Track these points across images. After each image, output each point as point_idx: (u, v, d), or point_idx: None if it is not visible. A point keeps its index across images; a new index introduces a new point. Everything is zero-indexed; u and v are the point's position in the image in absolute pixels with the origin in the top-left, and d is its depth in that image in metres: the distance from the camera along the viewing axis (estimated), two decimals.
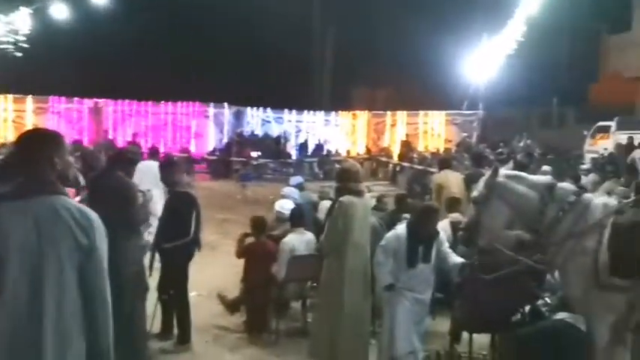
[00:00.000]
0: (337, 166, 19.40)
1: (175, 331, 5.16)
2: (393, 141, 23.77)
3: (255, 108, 23.70)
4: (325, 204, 6.36)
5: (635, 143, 14.65)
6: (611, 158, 13.76)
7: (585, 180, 9.78)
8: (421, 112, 24.66)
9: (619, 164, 12.24)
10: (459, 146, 21.78)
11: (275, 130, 23.26)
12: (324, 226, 4.75)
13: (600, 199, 3.47)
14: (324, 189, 7.71)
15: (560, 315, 4.19)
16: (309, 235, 5.61)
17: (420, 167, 16.48)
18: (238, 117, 23.49)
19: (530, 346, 4.08)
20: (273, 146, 21.74)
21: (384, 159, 21.17)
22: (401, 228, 4.49)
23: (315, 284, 5.41)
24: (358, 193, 4.54)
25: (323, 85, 30.64)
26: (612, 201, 3.46)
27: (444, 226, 6.01)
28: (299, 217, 5.75)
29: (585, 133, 19.52)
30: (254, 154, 20.57)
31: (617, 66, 22.29)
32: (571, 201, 3.42)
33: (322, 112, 24.89)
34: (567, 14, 23.83)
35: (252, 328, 5.46)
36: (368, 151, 23.12)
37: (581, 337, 3.71)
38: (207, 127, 22.67)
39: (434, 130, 24.46)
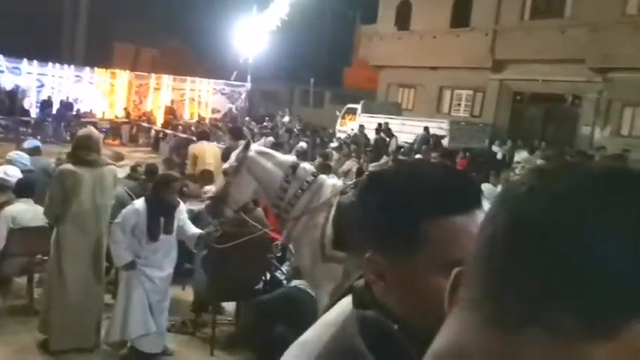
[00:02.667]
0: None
1: None
2: (156, 106, 22.57)
3: None
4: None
5: (374, 125, 16.86)
6: (354, 138, 15.55)
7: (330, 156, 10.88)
8: (188, 79, 24.07)
9: (360, 144, 13.92)
10: (224, 117, 22.06)
11: (9, 83, 19.56)
12: None
13: (331, 180, 3.86)
14: (62, 156, 6.97)
15: (295, 282, 4.64)
16: (37, 207, 5.06)
17: (183, 136, 16.20)
18: None
19: (269, 310, 4.43)
20: (6, 101, 18.41)
21: (145, 124, 20.06)
22: (139, 202, 4.31)
23: (45, 258, 4.91)
24: (87, 163, 4.26)
25: (75, 36, 26.89)
26: (339, 182, 3.90)
27: None
28: (24, 187, 5.12)
29: (338, 113, 21.65)
30: None
31: (365, 54, 25.09)
32: (309, 181, 3.74)
33: (73, 67, 21.78)
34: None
35: None
36: (127, 114, 21.38)
37: (311, 301, 4.16)
38: None
39: (201, 98, 24.17)
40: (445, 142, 15.39)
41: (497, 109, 19.96)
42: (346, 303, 0.94)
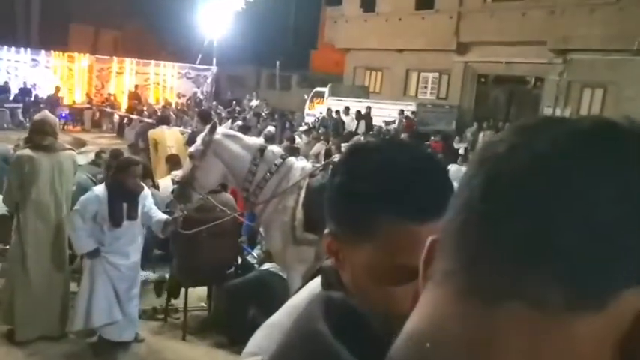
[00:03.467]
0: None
1: None
2: (120, 90, 21.98)
3: None
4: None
5: (341, 108, 16.90)
6: (323, 122, 15.56)
7: (300, 141, 10.89)
8: (152, 62, 23.52)
9: (328, 127, 13.95)
10: (189, 101, 21.71)
11: None
12: None
13: (300, 163, 3.86)
14: (20, 142, 6.80)
15: (266, 265, 4.67)
16: None
17: (149, 121, 15.88)
18: None
19: (241, 294, 4.45)
20: None
21: (109, 109, 19.57)
22: (100, 188, 4.22)
23: (7, 247, 4.80)
24: (45, 148, 4.17)
25: (30, 17, 25.68)
26: (309, 165, 3.92)
27: (166, 184, 6.02)
28: None
29: (305, 97, 21.57)
30: None
31: (331, 37, 24.99)
32: (277, 164, 3.73)
33: (29, 51, 21.01)
34: None
35: None
36: (89, 99, 20.75)
37: (282, 284, 4.20)
38: None
39: (166, 83, 23.70)
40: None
41: (463, 91, 20.22)
42: (315, 285, 0.94)
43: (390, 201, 0.78)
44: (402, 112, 16.31)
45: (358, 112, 16.52)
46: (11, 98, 18.39)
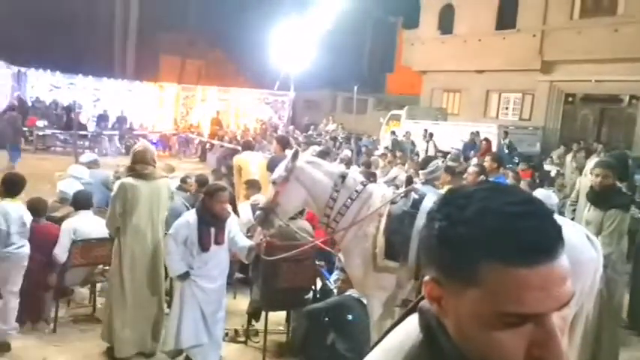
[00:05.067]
0: (141, 141, 18.33)
1: None
2: (203, 117, 23.14)
3: (40, 70, 20.58)
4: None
5: (421, 130, 16.68)
6: (399, 145, 15.41)
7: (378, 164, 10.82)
8: (233, 89, 24.50)
9: (405, 151, 13.79)
10: (265, 126, 22.31)
11: (66, 98, 20.40)
12: None
13: (380, 190, 3.81)
14: (119, 168, 7.26)
15: (350, 291, 4.61)
16: (97, 218, 5.25)
17: (230, 146, 16.48)
18: (19, 80, 20.34)
19: (320, 319, 4.41)
20: (64, 115, 19.19)
21: (193, 135, 20.58)
22: (190, 213, 4.37)
23: (107, 268, 5.09)
24: (144, 176, 4.40)
25: (126, 50, 27.92)
26: (390, 191, 3.86)
27: (245, 208, 6.16)
28: (82, 200, 5.32)
29: (381, 120, 21.53)
30: (40, 123, 18.14)
31: (408, 60, 24.90)
32: (358, 190, 3.71)
33: (125, 81, 22.72)
34: (369, 6, 25.83)
35: (26, 317, 4.90)
36: (176, 126, 22.07)
37: (363, 310, 4.13)
38: None
39: (246, 109, 24.56)
40: (494, 147, 15.02)
41: (548, 111, 19.35)
42: (412, 327, 0.90)
43: (494, 246, 0.75)
44: (477, 133, 15.77)
45: (430, 133, 16.19)
46: (109, 126, 19.75)
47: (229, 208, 5.40)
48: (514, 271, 0.74)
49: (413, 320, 0.91)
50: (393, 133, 17.26)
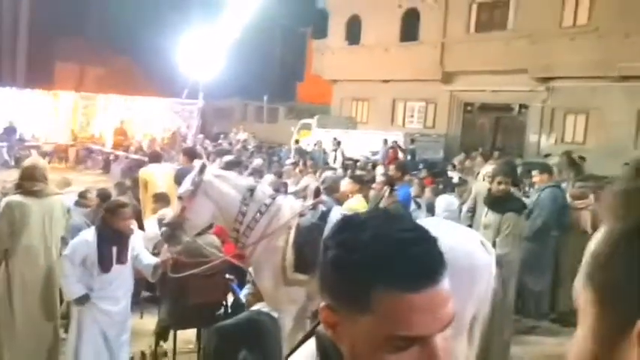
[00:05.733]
0: (33, 152, 17.06)
1: None
2: (106, 127, 22.01)
3: None
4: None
5: (330, 139, 16.99)
6: (312, 155, 15.58)
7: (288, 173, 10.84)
8: (139, 98, 23.53)
9: (316, 160, 13.95)
10: (174, 136, 21.67)
11: None
12: None
13: (288, 202, 3.81)
14: (6, 184, 6.72)
15: (257, 305, 4.55)
16: None
17: (135, 157, 15.81)
18: None
19: (231, 335, 4.31)
20: None
21: (95, 146, 19.48)
22: (89, 231, 4.12)
23: None
24: (34, 193, 4.10)
25: (16, 56, 25.89)
26: (297, 203, 3.86)
27: (152, 223, 5.91)
28: None
29: (292, 129, 21.67)
30: None
31: (318, 68, 25.31)
32: (267, 203, 3.68)
33: (14, 89, 20.91)
34: (278, 16, 25.98)
35: None
36: (75, 137, 20.72)
37: (274, 324, 4.08)
38: None
39: (153, 118, 23.66)
40: (400, 154, 15.63)
41: (450, 119, 20.48)
42: (310, 351, 0.93)
43: (385, 271, 0.78)
44: (385, 141, 16.36)
45: (337, 142, 16.55)
46: None
47: (134, 224, 5.16)
48: (403, 295, 0.77)
49: (312, 344, 0.94)
50: (297, 142, 17.46)
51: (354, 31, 23.46)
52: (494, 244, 4.24)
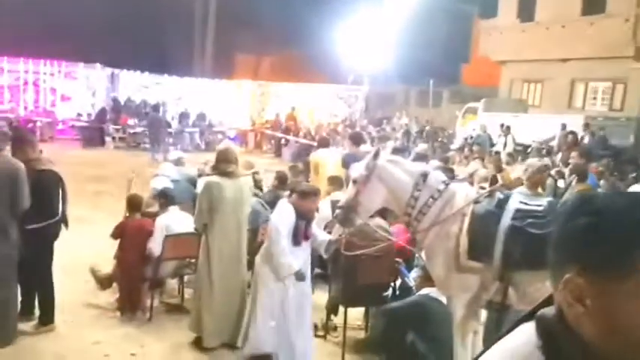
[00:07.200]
0: (219, 137, 18.95)
1: (37, 311, 4.87)
2: (278, 113, 23.66)
3: (131, 72, 21.89)
4: (202, 181, 6.25)
5: (499, 124, 16.07)
6: (478, 139, 14.94)
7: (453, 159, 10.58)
8: (307, 85, 24.71)
9: (483, 145, 13.35)
10: (343, 122, 22.35)
11: (153, 97, 21.45)
12: None
13: (463, 188, 3.73)
14: (201, 166, 7.63)
15: (426, 290, 4.56)
16: (185, 214, 5.53)
17: (305, 141, 16.69)
18: (113, 81, 21.76)
19: (400, 318, 4.39)
20: (153, 114, 20.54)
21: (268, 131, 21.00)
22: (288, 209, 4.29)
23: (193, 261, 5.34)
24: (228, 174, 4.56)
25: (205, 49, 29.06)
26: (473, 190, 3.76)
27: (325, 204, 6.22)
28: (169, 197, 5.63)
29: (457, 113, 20.96)
30: (131, 121, 19.39)
31: (485, 49, 24.05)
32: (440, 189, 3.65)
33: (204, 80, 23.63)
34: None
35: (126, 307, 5.28)
36: (252, 122, 22.60)
37: (443, 310, 4.06)
38: (76, 90, 20.68)
39: (320, 104, 24.71)
40: (586, 139, 14.15)
41: None
42: (529, 332, 0.90)
43: None
44: (564, 126, 14.92)
45: (507, 127, 15.48)
46: (190, 124, 20.65)
47: None
48: None
49: (527, 330, 0.91)
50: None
51: (526, 8, 21.78)
52: None
